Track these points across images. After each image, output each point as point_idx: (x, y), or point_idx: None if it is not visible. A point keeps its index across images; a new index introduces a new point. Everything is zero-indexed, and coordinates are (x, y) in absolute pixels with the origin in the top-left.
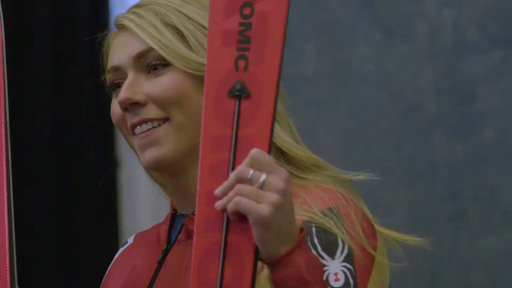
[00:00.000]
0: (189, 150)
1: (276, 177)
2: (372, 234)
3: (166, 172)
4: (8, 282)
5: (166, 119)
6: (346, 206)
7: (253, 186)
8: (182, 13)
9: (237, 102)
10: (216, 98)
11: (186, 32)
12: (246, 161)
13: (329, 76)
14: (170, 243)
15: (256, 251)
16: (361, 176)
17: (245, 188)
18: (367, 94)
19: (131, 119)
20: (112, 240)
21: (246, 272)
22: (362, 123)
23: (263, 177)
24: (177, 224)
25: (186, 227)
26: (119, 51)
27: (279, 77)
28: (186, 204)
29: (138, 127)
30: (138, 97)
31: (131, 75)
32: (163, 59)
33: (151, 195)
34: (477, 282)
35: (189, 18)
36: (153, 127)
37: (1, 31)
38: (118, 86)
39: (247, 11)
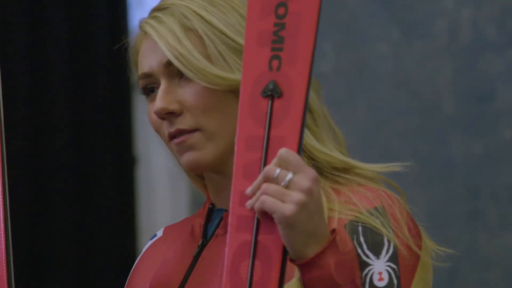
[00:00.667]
0: (227, 151)
1: (303, 176)
2: (417, 233)
3: (205, 171)
4: (6, 282)
5: (198, 129)
6: (391, 205)
7: (279, 185)
8: (203, 17)
9: (270, 102)
10: (251, 98)
11: (206, 40)
12: (274, 160)
13: (347, 74)
14: (206, 237)
15: (285, 250)
16: (393, 167)
17: (270, 187)
18: (385, 93)
19: (168, 128)
20: (129, 239)
21: (275, 271)
22: (380, 122)
23: (289, 176)
24: (214, 219)
25: (226, 221)
26: (148, 57)
27: (310, 77)
28: (225, 199)
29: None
30: (173, 106)
31: (164, 83)
32: None
33: (169, 192)
34: (495, 280)
35: (209, 23)
36: (188, 133)
37: None
38: (152, 90)
39: (281, 11)
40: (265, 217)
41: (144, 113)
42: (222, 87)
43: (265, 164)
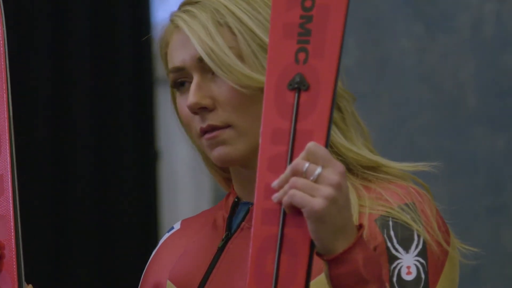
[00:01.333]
0: (257, 146)
1: (332, 170)
2: (446, 230)
3: (234, 165)
4: (16, 277)
5: (230, 126)
6: (421, 202)
7: (308, 180)
8: (235, 14)
9: (296, 95)
10: (276, 91)
11: (239, 36)
12: (302, 154)
13: (370, 69)
14: (230, 230)
15: (312, 245)
16: (421, 167)
17: (300, 181)
18: (408, 87)
19: (199, 123)
20: (152, 233)
21: (301, 264)
22: (403, 116)
23: (318, 170)
24: (239, 211)
25: (252, 214)
26: (180, 51)
27: (338, 70)
28: (252, 192)
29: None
30: (206, 102)
31: (196, 77)
32: None
33: (191, 186)
34: None
35: (240, 20)
36: (220, 129)
37: (2, 27)
38: (182, 84)
39: (308, 3)
40: (292, 210)
41: (167, 107)
42: (250, 90)
43: (291, 158)
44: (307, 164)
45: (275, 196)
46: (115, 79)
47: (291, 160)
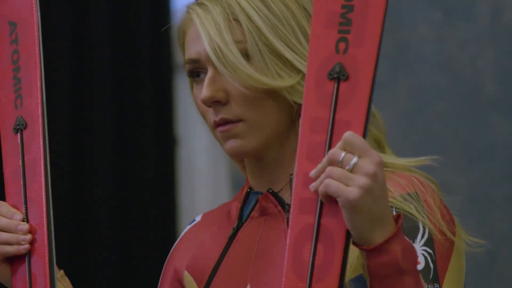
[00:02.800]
0: (269, 140)
1: (368, 160)
2: (450, 219)
3: (247, 158)
4: (47, 262)
5: (243, 120)
6: (424, 192)
7: (344, 169)
8: (246, 12)
9: (336, 85)
10: (317, 80)
11: (248, 36)
12: (339, 143)
13: (389, 56)
14: (241, 220)
15: (348, 234)
16: (422, 161)
17: (335, 170)
18: (427, 75)
19: (213, 116)
20: (170, 218)
21: (337, 254)
22: (422, 104)
23: (354, 160)
24: (250, 201)
25: (261, 203)
26: (196, 43)
27: (377, 60)
28: (262, 183)
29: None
30: (219, 96)
31: (210, 71)
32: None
33: (209, 172)
34: None
35: (250, 19)
36: (233, 122)
37: (38, 24)
38: (197, 75)
39: None
40: (329, 200)
41: (186, 94)
42: (253, 91)
43: (329, 147)
44: (343, 154)
45: (312, 186)
46: (134, 65)
47: (329, 149)
